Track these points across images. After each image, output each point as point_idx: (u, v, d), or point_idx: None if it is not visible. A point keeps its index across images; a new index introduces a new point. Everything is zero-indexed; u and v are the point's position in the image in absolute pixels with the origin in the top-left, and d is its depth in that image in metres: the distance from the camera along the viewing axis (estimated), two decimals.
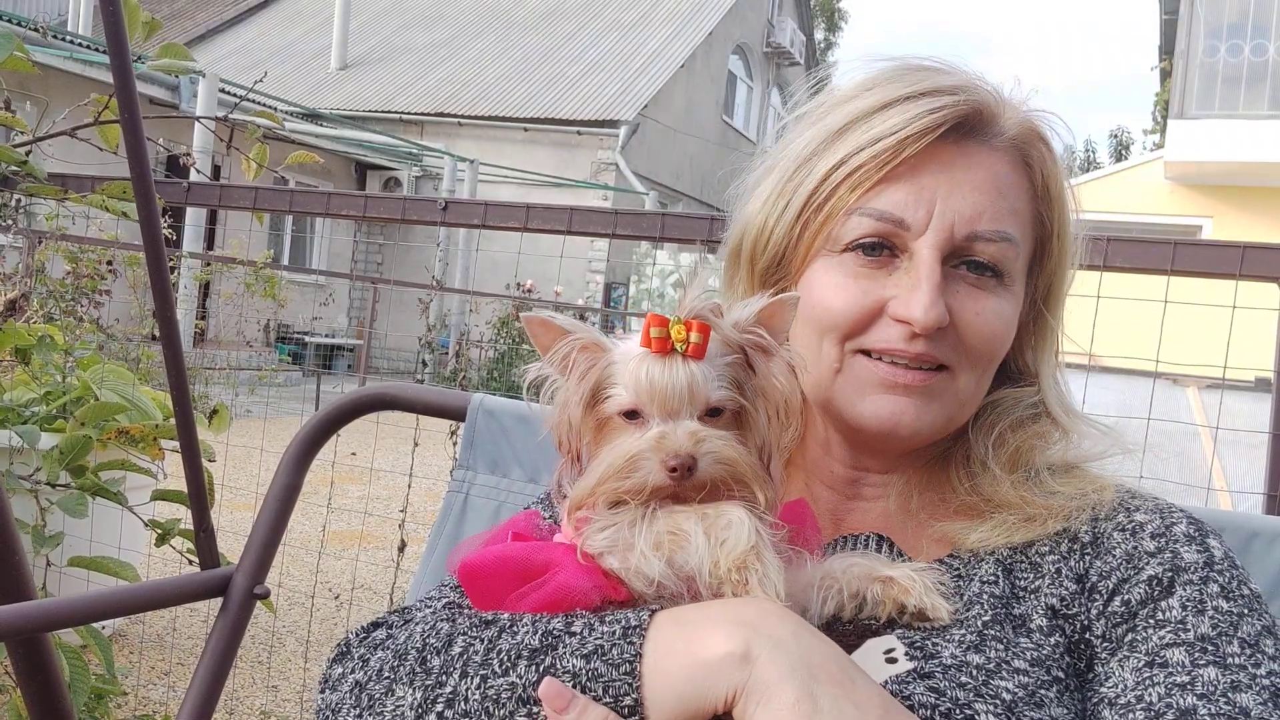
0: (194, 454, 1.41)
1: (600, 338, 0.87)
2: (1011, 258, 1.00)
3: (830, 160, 1.01)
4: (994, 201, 0.99)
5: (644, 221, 2.69)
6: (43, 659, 1.51)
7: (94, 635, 2.26)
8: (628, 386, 0.84)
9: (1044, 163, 1.04)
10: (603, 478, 0.84)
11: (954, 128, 0.99)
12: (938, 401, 1.00)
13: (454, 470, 1.62)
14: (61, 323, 4.50)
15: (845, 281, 1.00)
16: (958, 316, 0.99)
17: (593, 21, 22.45)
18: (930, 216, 0.98)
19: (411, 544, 3.49)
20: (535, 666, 0.79)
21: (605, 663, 0.78)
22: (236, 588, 1.44)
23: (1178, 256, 1.94)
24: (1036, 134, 1.04)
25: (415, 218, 2.97)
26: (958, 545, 1.01)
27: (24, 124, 2.40)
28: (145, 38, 2.09)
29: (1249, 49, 13.44)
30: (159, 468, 2.77)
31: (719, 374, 0.84)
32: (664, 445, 0.82)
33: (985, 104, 1.01)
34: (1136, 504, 1.00)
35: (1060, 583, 0.96)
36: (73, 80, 11.08)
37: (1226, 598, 0.90)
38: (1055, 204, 1.05)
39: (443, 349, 12.66)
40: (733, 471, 0.83)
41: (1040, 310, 1.07)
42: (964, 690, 0.85)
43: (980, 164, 1.00)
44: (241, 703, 3.70)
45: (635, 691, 0.77)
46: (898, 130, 0.97)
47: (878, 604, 0.91)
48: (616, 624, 0.80)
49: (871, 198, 0.99)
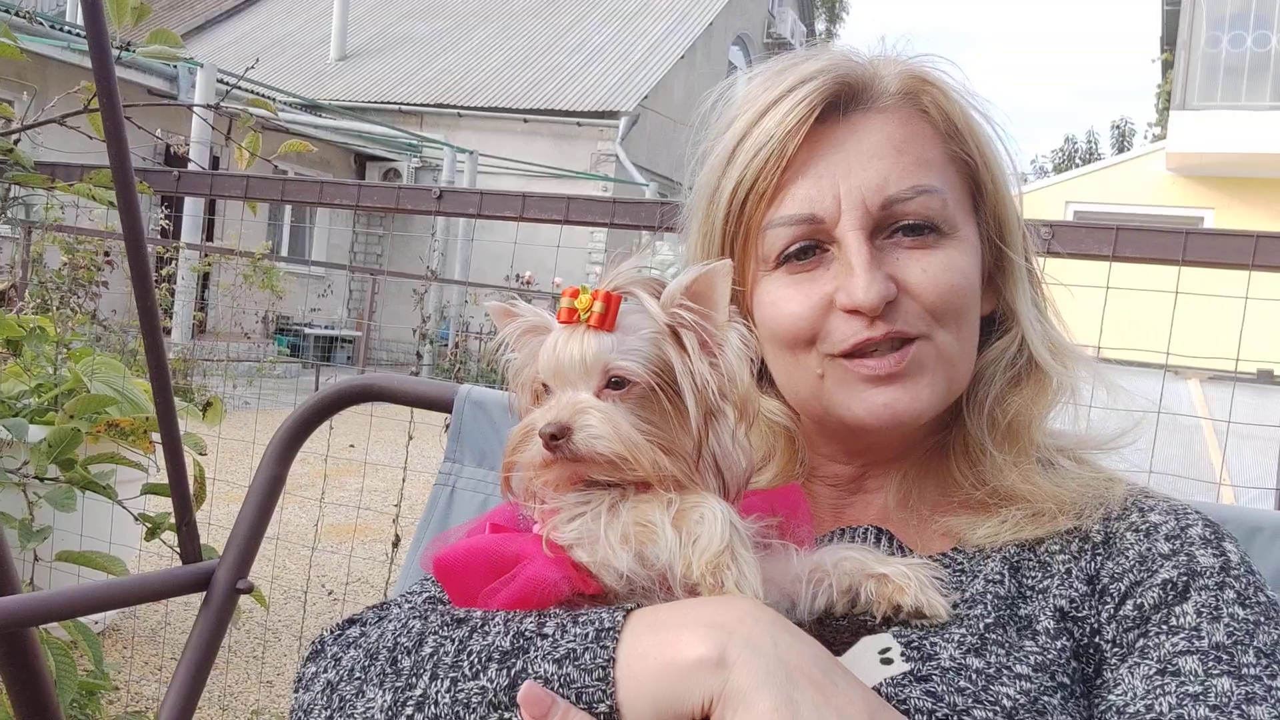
0: (175, 446, 1.38)
1: (547, 319, 0.85)
2: (938, 207, 0.97)
3: (730, 185, 1.00)
4: (896, 161, 0.97)
5: (642, 211, 2.65)
6: (27, 655, 1.48)
7: (82, 631, 2.23)
8: (541, 360, 0.83)
9: (938, 103, 1.00)
10: (505, 452, 0.83)
11: (830, 108, 0.97)
12: (927, 374, 0.97)
13: (441, 462, 1.59)
14: (56, 314, 4.47)
15: (788, 293, 0.99)
16: (905, 281, 0.96)
17: (592, 12, 22.37)
18: (839, 201, 0.96)
19: (406, 538, 3.46)
20: (507, 670, 0.77)
21: (578, 668, 0.75)
22: (219, 582, 1.42)
23: (1189, 246, 1.91)
24: (921, 79, 1.01)
25: (410, 207, 2.94)
26: (963, 540, 0.98)
27: (10, 111, 2.37)
28: (135, 23, 2.06)
29: (1251, 40, 13.39)
30: (150, 461, 2.74)
31: (634, 347, 0.80)
32: (546, 416, 0.79)
33: (854, 74, 0.99)
34: (1150, 504, 0.97)
35: (1070, 583, 0.93)
36: (70, 70, 11.02)
37: (1243, 605, 0.87)
38: (967, 138, 1.01)
39: (442, 341, 12.66)
40: (612, 448, 0.78)
41: (998, 246, 1.04)
42: (963, 695, 0.81)
43: (870, 131, 0.98)
44: (236, 699, 3.68)
45: (610, 698, 0.74)
46: (774, 134, 0.96)
47: (872, 602, 0.88)
48: (590, 625, 0.77)
49: (778, 207, 0.98)
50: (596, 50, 20.76)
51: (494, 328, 0.90)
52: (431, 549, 0.89)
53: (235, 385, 9.69)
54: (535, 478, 0.82)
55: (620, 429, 0.78)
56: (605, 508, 0.80)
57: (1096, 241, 1.90)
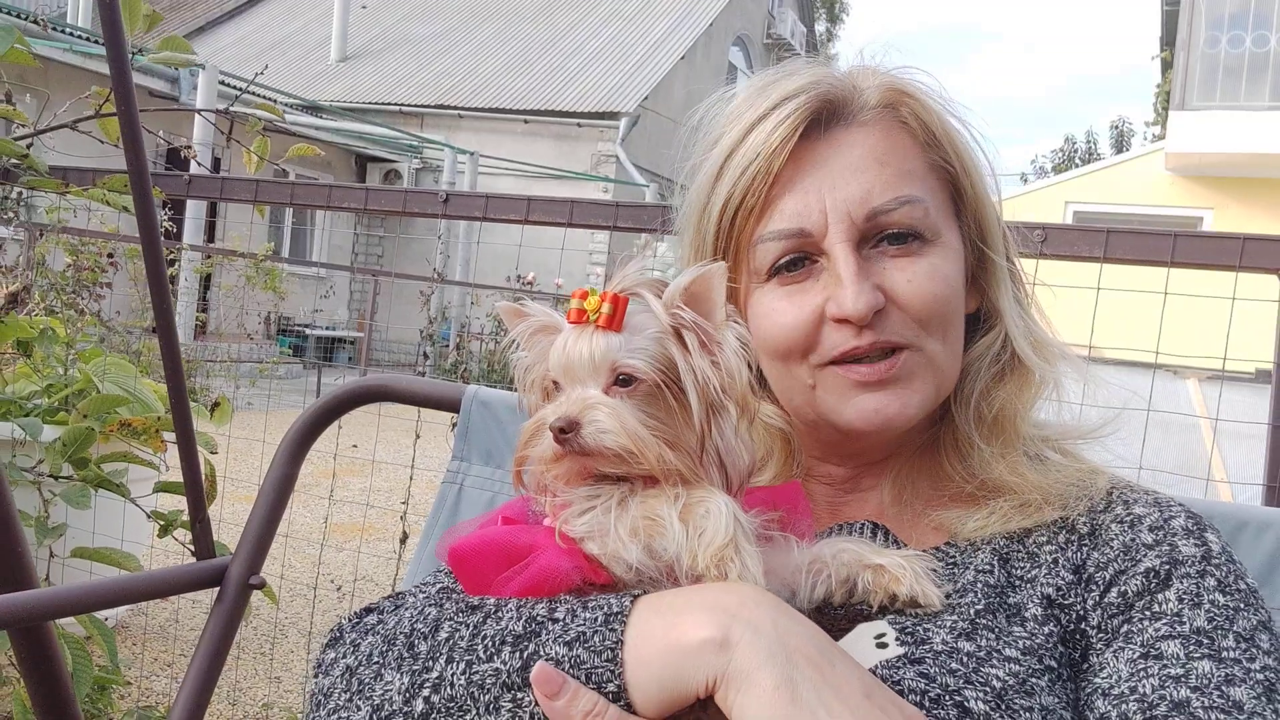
0: (190, 444, 1.41)
1: (557, 319, 0.89)
2: (920, 216, 1.00)
3: (719, 202, 1.04)
4: (878, 174, 1.00)
5: (644, 214, 2.69)
6: (45, 649, 1.52)
7: (97, 625, 2.27)
8: (551, 359, 0.86)
9: (917, 114, 1.04)
10: (517, 447, 0.86)
11: (812, 124, 1.01)
12: (916, 381, 1.01)
13: (449, 461, 1.62)
14: (62, 315, 4.50)
15: (780, 305, 1.02)
16: (892, 291, 0.99)
17: (593, 13, 22.39)
18: (825, 214, 0.99)
19: (413, 536, 3.50)
20: (519, 652, 0.80)
21: (588, 650, 0.78)
22: (232, 578, 1.45)
23: (1178, 248, 1.94)
24: (899, 91, 1.04)
25: (416, 210, 2.98)
26: (954, 534, 1.02)
27: (24, 117, 2.41)
28: (146, 30, 2.09)
29: (1250, 40, 13.40)
30: (161, 460, 2.78)
31: (640, 346, 0.84)
32: (557, 411, 0.83)
33: (834, 90, 1.02)
34: (1134, 497, 1.01)
35: (1057, 573, 0.96)
36: (73, 73, 11.06)
37: (1223, 591, 0.91)
38: (946, 145, 1.05)
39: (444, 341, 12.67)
40: (619, 442, 0.81)
41: (980, 249, 1.07)
42: (954, 676, 0.85)
43: (853, 145, 1.01)
44: (244, 694, 3.72)
45: (618, 678, 0.77)
46: (760, 151, 1.00)
47: (869, 592, 0.92)
48: (599, 610, 0.81)
49: (767, 222, 1.02)
50: (597, 51, 20.78)
51: (495, 328, 0.94)
52: (445, 540, 0.93)
53: (238, 386, 9.70)
54: (546, 471, 0.85)
55: (627, 424, 0.81)
56: (615, 502, 0.83)
57: (1088, 243, 1.94)
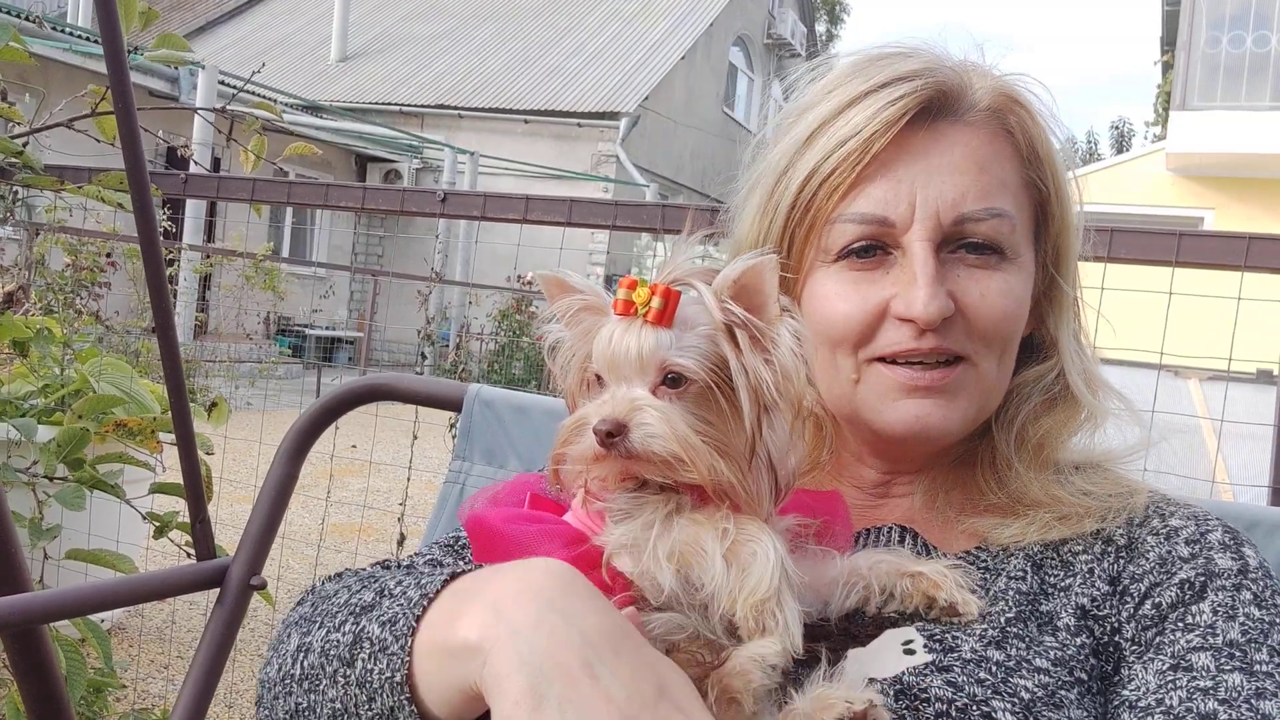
0: (189, 445, 1.40)
1: (603, 300, 0.82)
2: (1007, 232, 0.97)
3: (803, 171, 0.98)
4: (976, 179, 0.96)
5: (644, 213, 2.67)
6: (39, 652, 1.50)
7: (92, 628, 2.25)
8: (595, 352, 0.80)
9: (1024, 126, 1.00)
10: (556, 443, 0.81)
11: (921, 113, 0.96)
12: (963, 396, 0.97)
13: (451, 461, 1.61)
14: (60, 315, 4.48)
15: (844, 290, 0.98)
16: (963, 301, 0.95)
17: (593, 13, 22.38)
18: (913, 209, 0.95)
19: (411, 537, 3.48)
20: (353, 627, 0.78)
21: (392, 633, 0.74)
22: (233, 578, 1.44)
23: (1183, 247, 1.93)
24: (1011, 99, 1.00)
25: (415, 209, 2.96)
26: (987, 540, 0.99)
27: (20, 115, 2.39)
28: (143, 27, 2.08)
29: (1251, 40, 13.40)
30: (157, 461, 2.76)
31: (691, 344, 0.78)
32: (601, 411, 0.77)
33: (949, 83, 0.97)
34: (1171, 510, 0.99)
35: (1092, 583, 0.94)
36: (72, 72, 11.04)
37: (1259, 605, 0.89)
38: (1045, 165, 1.01)
39: (443, 341, 12.66)
40: (669, 448, 0.75)
41: (1053, 276, 1.04)
42: (982, 686, 0.83)
43: (956, 143, 0.97)
44: (241, 696, 3.70)
45: (404, 668, 0.73)
46: (861, 129, 0.95)
47: (906, 595, 0.88)
48: (417, 590, 0.76)
49: (850, 202, 0.96)
50: (597, 51, 20.77)
51: (496, 329, 0.91)
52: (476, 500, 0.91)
53: (237, 386, 9.69)
54: (585, 472, 0.80)
55: (678, 430, 0.76)
56: (659, 519, 0.77)
57: (1092, 243, 1.92)
